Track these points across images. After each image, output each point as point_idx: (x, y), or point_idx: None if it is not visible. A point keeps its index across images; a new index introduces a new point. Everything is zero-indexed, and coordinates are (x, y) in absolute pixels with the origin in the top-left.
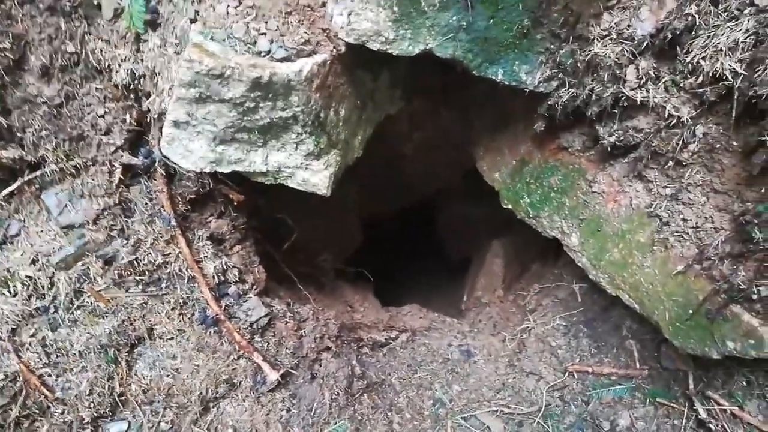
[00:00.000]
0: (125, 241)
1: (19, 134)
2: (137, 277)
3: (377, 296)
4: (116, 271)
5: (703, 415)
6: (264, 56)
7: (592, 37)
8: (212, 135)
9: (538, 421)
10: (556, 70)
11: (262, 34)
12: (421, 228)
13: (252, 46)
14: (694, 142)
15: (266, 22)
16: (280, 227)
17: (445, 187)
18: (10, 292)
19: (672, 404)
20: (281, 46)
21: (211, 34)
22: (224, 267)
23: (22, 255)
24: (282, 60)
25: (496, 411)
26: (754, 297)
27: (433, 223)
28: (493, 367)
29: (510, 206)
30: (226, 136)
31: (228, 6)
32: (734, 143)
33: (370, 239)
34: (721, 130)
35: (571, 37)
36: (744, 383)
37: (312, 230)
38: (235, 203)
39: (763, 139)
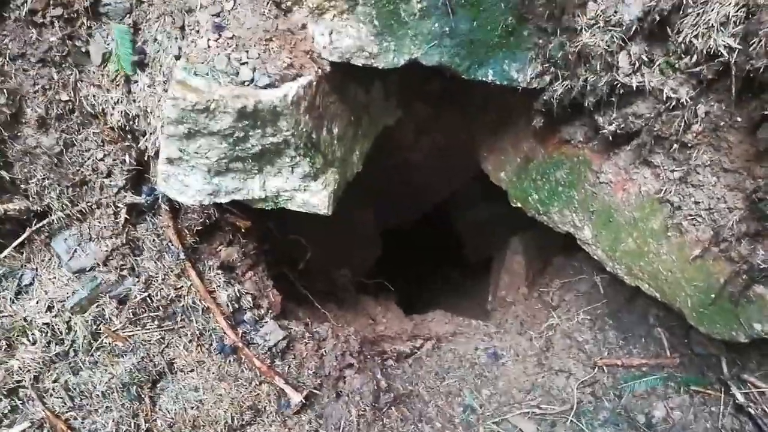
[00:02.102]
0: (137, 279)
1: (23, 186)
2: (152, 314)
3: (402, 306)
4: (131, 310)
5: (740, 399)
6: (248, 85)
7: (579, 28)
8: (206, 168)
9: (571, 420)
10: (547, 65)
11: (243, 63)
12: (440, 233)
13: (235, 76)
14: (696, 122)
15: (247, 51)
16: (295, 248)
17: (459, 191)
18: (29, 341)
19: (707, 391)
20: (264, 74)
21: (194, 69)
22: (237, 294)
23: (37, 303)
24: (266, 87)
25: (528, 413)
26: None
27: (451, 227)
28: (522, 367)
29: (519, 204)
30: (220, 167)
31: (208, 40)
32: (738, 119)
33: (389, 249)
34: (723, 108)
35: (558, 30)
36: None
37: (329, 247)
38: (243, 230)
39: (766, 113)
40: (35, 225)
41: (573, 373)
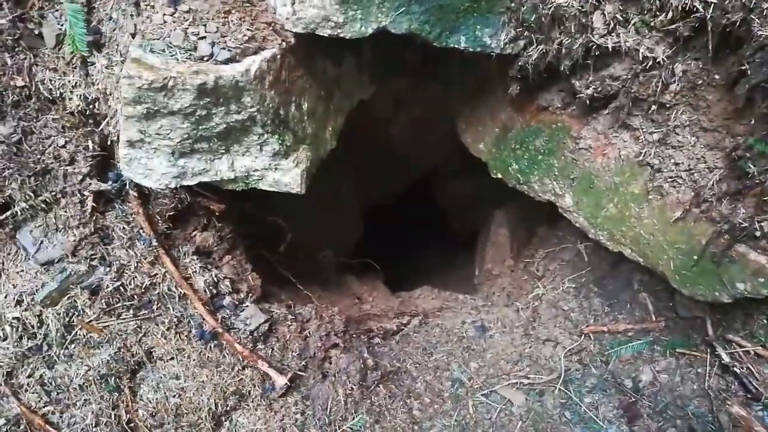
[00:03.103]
0: (108, 269)
1: None
2: (126, 303)
3: (390, 284)
4: (104, 300)
5: (726, 359)
6: (207, 61)
7: None
8: (170, 149)
9: (559, 388)
10: (520, 29)
11: (201, 38)
12: (425, 207)
13: (193, 52)
14: (674, 81)
15: (205, 25)
16: (276, 230)
17: (442, 164)
18: (0, 337)
19: (693, 353)
20: (224, 48)
21: (150, 45)
22: (215, 279)
23: (6, 297)
24: (226, 62)
25: (516, 383)
26: (758, 234)
27: (436, 201)
28: (509, 338)
29: (500, 175)
30: (184, 148)
31: (164, 14)
32: (716, 77)
33: (373, 227)
34: (701, 65)
35: None
36: (764, 321)
37: (310, 227)
38: (218, 213)
39: (744, 68)
40: None
41: (560, 341)
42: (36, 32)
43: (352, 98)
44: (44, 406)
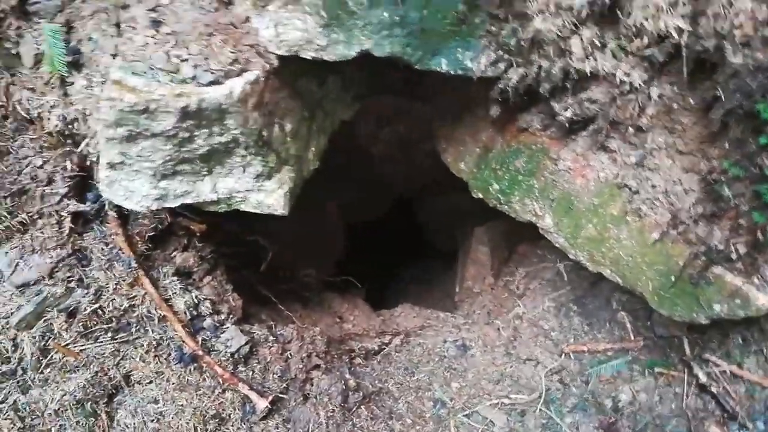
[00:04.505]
0: (86, 291)
1: None
2: (104, 326)
3: (371, 301)
4: (81, 323)
5: (703, 378)
6: (189, 83)
7: (531, 13)
8: (152, 171)
9: (540, 408)
10: (501, 52)
11: (184, 60)
12: (406, 224)
13: (175, 74)
14: (650, 105)
15: (187, 47)
16: (258, 249)
17: (419, 181)
18: None
19: (671, 372)
20: (206, 70)
21: (131, 67)
22: (195, 301)
23: None
24: (209, 84)
25: (497, 403)
26: (734, 256)
27: (415, 217)
28: (490, 358)
29: (480, 195)
30: (166, 170)
31: (146, 36)
32: (691, 101)
33: (355, 244)
34: (676, 90)
35: (510, 16)
36: (740, 341)
37: (292, 246)
38: (198, 234)
39: (718, 94)
40: None
41: (541, 361)
42: (14, 51)
43: (335, 118)
44: None
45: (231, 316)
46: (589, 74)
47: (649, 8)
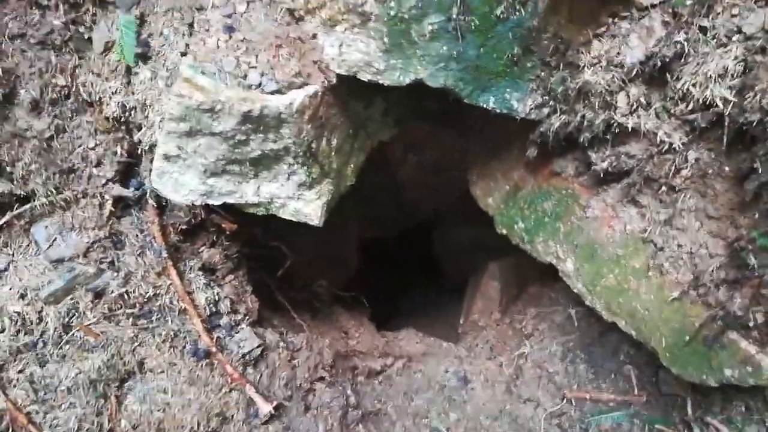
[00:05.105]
0: (115, 274)
1: (8, 168)
2: (127, 310)
3: (374, 320)
4: (106, 305)
5: None
6: (255, 89)
7: (582, 65)
8: (203, 168)
9: None
10: (547, 98)
11: (252, 67)
12: (419, 250)
13: (242, 79)
14: (686, 167)
15: (257, 56)
16: (276, 254)
17: (441, 209)
18: None
19: (671, 431)
20: (272, 79)
21: (201, 68)
22: (216, 298)
23: (10, 290)
24: (273, 93)
25: None
26: (751, 324)
27: (430, 245)
28: (491, 393)
29: (505, 231)
30: (217, 168)
31: (218, 40)
32: (726, 169)
33: (367, 263)
34: (713, 156)
35: (561, 65)
36: (743, 409)
37: (308, 255)
38: (228, 232)
39: (755, 166)
40: (16, 209)
41: (541, 403)
42: (86, 36)
43: (375, 139)
44: (30, 404)
45: (247, 317)
46: (630, 129)
47: (699, 76)
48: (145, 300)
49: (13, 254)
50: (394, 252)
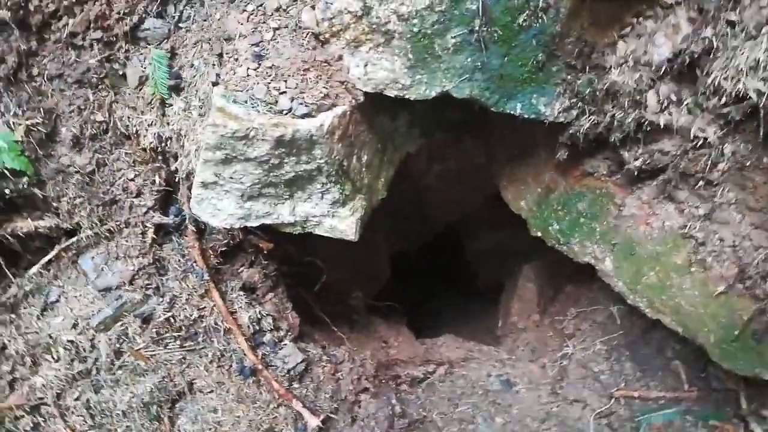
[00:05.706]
0: (161, 299)
1: (54, 203)
2: (174, 333)
3: (411, 328)
4: (154, 329)
5: None
6: (286, 114)
7: (608, 66)
8: (240, 192)
9: None
10: (575, 100)
11: (282, 92)
12: (450, 256)
13: (273, 105)
14: (723, 161)
15: (285, 81)
16: (310, 269)
17: (469, 213)
18: (53, 358)
19: (726, 426)
20: (302, 103)
21: (233, 96)
22: (258, 316)
23: (62, 320)
24: (303, 116)
25: None
26: None
27: (462, 250)
28: (536, 395)
29: (539, 234)
30: (253, 192)
31: (248, 68)
32: (765, 160)
33: (399, 271)
34: (750, 148)
35: (587, 67)
36: None
37: (341, 269)
38: (265, 252)
39: None
40: (64, 242)
41: (589, 403)
42: (120, 72)
43: (402, 151)
44: (88, 430)
45: (289, 333)
46: (662, 127)
47: (729, 70)
48: (191, 322)
49: (63, 286)
50: (422, 261)
